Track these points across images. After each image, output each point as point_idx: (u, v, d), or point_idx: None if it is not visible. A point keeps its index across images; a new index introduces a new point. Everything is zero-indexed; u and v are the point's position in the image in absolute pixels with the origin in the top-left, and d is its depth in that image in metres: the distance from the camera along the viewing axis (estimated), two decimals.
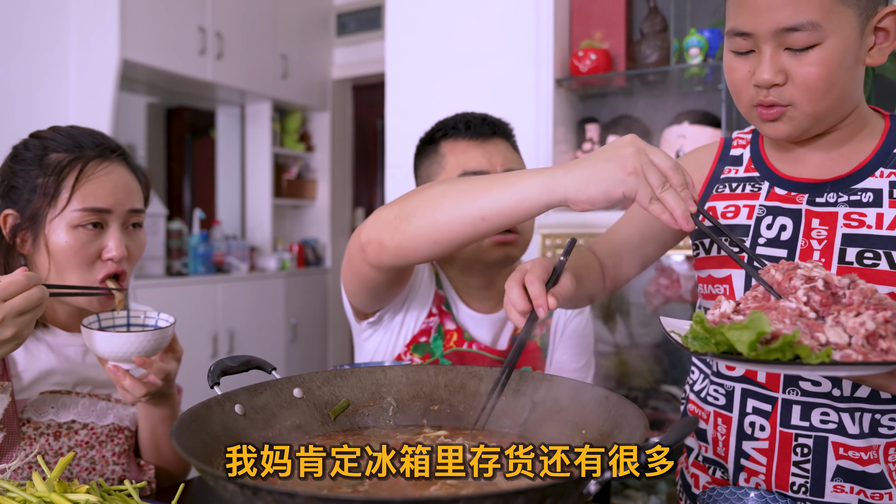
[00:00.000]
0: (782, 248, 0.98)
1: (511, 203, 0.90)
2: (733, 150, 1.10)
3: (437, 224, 0.95)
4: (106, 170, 1.12)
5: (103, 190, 1.11)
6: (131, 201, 1.15)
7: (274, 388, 0.91)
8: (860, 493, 0.96)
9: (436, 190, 0.97)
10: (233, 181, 4.52)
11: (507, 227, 0.95)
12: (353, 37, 4.56)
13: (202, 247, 3.80)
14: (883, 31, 0.92)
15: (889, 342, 0.68)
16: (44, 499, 0.79)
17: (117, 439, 1.18)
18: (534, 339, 1.37)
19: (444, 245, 0.97)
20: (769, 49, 0.91)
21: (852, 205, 0.95)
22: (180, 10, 3.49)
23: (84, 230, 1.09)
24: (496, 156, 1.31)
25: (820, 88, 0.90)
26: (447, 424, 0.94)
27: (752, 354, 0.67)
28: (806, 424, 0.98)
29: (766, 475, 1.00)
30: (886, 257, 0.91)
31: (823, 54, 0.88)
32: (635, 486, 2.20)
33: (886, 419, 0.95)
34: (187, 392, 1.32)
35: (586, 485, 0.60)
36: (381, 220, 1.02)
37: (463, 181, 0.96)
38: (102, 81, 3.15)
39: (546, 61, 2.27)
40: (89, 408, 1.15)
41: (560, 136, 2.33)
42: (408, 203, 0.99)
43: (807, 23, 0.87)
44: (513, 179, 0.90)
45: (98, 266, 1.12)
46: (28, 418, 1.08)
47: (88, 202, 1.09)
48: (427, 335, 1.32)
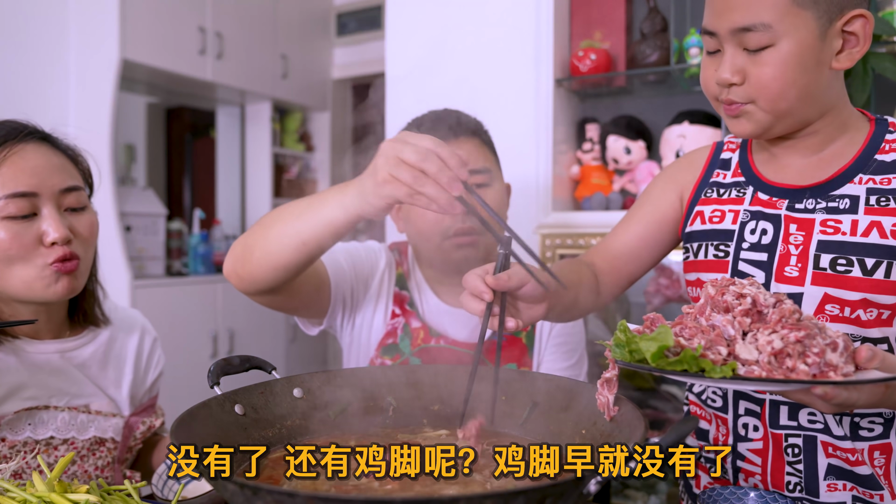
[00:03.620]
0: (763, 253, 0.99)
1: (320, 225, 0.96)
2: (724, 154, 1.11)
3: (271, 253, 1.00)
4: (20, 152, 1.05)
5: (22, 172, 1.03)
6: (61, 180, 1.07)
7: (274, 388, 0.91)
8: (853, 490, 0.96)
9: (267, 219, 1.03)
10: (233, 181, 4.52)
11: (327, 248, 1.00)
12: (353, 37, 4.56)
13: (202, 247, 3.80)
14: (852, 35, 0.92)
15: (794, 361, 0.71)
16: (44, 499, 0.79)
17: (99, 452, 1.13)
18: (518, 336, 1.36)
19: (283, 271, 1.02)
20: (730, 49, 0.94)
21: (829, 211, 0.96)
22: (180, 10, 3.49)
23: (13, 221, 1.02)
24: None
25: (774, 88, 0.92)
26: (447, 424, 0.94)
27: (657, 364, 0.71)
28: (794, 424, 0.98)
29: (763, 475, 1.01)
30: (859, 264, 0.92)
31: (776, 55, 0.90)
32: (635, 486, 2.20)
33: (866, 422, 0.97)
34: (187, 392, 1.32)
35: (586, 485, 0.60)
36: (234, 253, 1.07)
37: (287, 207, 1.01)
38: (102, 81, 3.15)
39: (546, 61, 2.27)
40: (69, 422, 1.09)
41: (560, 136, 2.33)
42: (251, 234, 1.04)
43: (759, 24, 0.90)
44: (318, 203, 0.96)
45: (43, 253, 1.04)
46: (2, 437, 1.03)
47: (9, 188, 1.02)
48: (394, 336, 1.32)
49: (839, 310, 0.93)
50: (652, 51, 2.20)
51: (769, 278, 0.98)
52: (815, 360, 0.71)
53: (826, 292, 0.93)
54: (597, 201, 2.24)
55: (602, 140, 2.33)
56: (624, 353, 0.74)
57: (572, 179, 2.41)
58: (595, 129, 2.36)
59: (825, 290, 0.93)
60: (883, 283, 0.91)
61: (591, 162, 2.35)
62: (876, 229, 0.92)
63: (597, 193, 2.25)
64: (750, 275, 0.99)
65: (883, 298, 0.92)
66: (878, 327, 0.93)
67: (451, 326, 1.34)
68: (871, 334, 0.94)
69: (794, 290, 0.95)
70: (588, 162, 2.36)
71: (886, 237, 0.91)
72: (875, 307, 0.92)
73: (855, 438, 0.96)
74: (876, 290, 0.91)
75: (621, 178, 2.32)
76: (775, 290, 0.97)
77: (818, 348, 0.72)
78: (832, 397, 0.72)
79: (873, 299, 0.92)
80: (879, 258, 0.91)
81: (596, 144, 2.35)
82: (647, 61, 2.21)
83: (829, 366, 0.71)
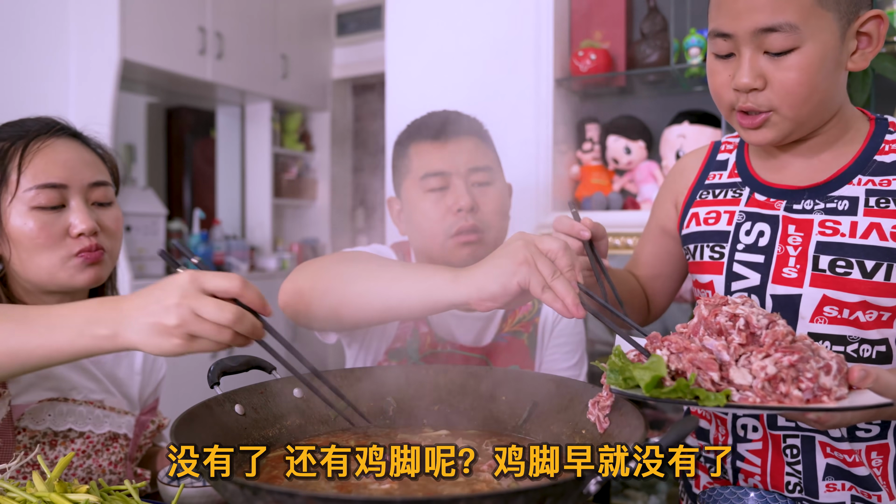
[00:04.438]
0: (759, 254, 0.99)
1: (416, 299, 0.90)
2: (720, 155, 1.11)
3: (343, 308, 0.96)
4: (52, 145, 1.07)
5: (53, 164, 1.06)
6: (90, 174, 1.09)
7: (274, 388, 0.91)
8: (851, 490, 0.96)
9: (351, 271, 0.98)
10: (233, 181, 4.52)
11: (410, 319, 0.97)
12: (353, 37, 4.56)
13: (202, 247, 3.80)
14: (866, 36, 0.92)
15: (787, 387, 0.71)
16: (44, 499, 0.79)
17: (113, 448, 1.15)
18: (520, 338, 1.36)
19: (349, 324, 1.01)
20: (748, 52, 0.90)
21: (828, 212, 0.95)
22: (180, 10, 3.49)
23: (42, 211, 1.04)
24: (460, 156, 1.30)
25: (800, 94, 0.89)
26: (447, 424, 0.94)
27: (651, 394, 0.72)
28: (792, 425, 0.98)
29: (762, 476, 1.01)
30: (859, 266, 0.91)
31: (802, 59, 0.88)
32: (635, 486, 2.20)
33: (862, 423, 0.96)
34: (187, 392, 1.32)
35: (586, 485, 0.60)
36: (298, 289, 1.02)
37: (377, 263, 0.97)
38: (102, 81, 3.15)
39: (546, 61, 2.27)
40: (86, 416, 1.11)
41: (560, 136, 2.33)
42: (322, 278, 1.00)
43: (784, 24, 0.86)
44: (423, 275, 0.91)
45: (70, 244, 1.06)
46: (24, 426, 1.05)
47: (39, 179, 1.04)
48: (402, 340, 1.32)
49: (838, 311, 0.93)
50: (652, 51, 2.20)
51: (765, 280, 0.97)
52: (809, 385, 0.71)
53: (825, 294, 0.93)
54: (597, 201, 2.23)
55: (602, 140, 2.33)
56: (619, 380, 0.76)
57: (572, 179, 2.41)
58: (595, 129, 2.36)
59: (824, 292, 0.93)
60: (883, 286, 0.91)
61: (591, 162, 2.35)
62: (875, 231, 0.91)
63: (597, 193, 2.25)
64: (744, 276, 0.99)
65: (883, 301, 0.91)
66: (877, 329, 0.93)
67: (458, 329, 1.34)
68: (869, 336, 0.93)
69: (793, 291, 0.95)
70: (588, 162, 2.36)
71: (886, 239, 0.91)
72: (875, 309, 0.92)
73: (852, 439, 0.96)
74: (875, 292, 0.91)
75: (621, 178, 2.32)
76: (772, 291, 0.97)
77: (811, 373, 0.71)
78: (825, 421, 0.73)
79: (873, 301, 0.91)
80: (879, 260, 0.91)
81: (596, 144, 2.34)
82: (647, 61, 2.21)
83: (822, 390, 0.71)
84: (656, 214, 1.18)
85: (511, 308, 0.86)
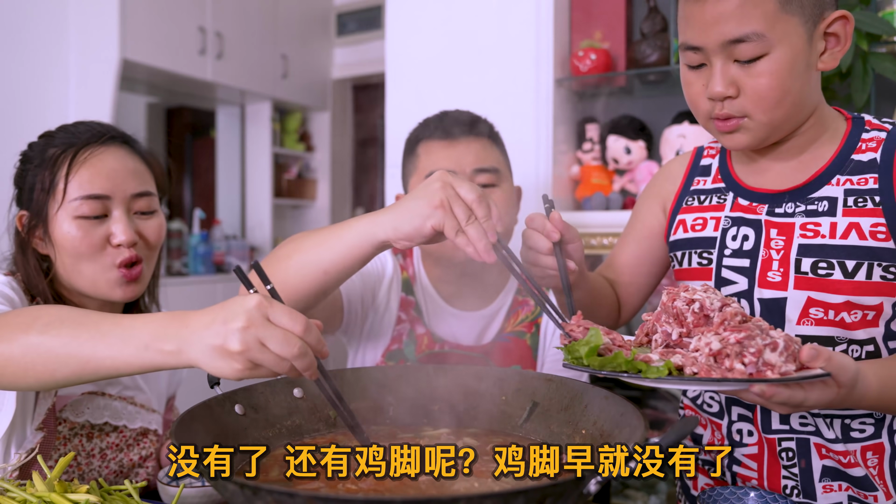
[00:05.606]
0: (745, 259, 0.99)
1: (342, 253, 0.92)
2: (703, 161, 1.11)
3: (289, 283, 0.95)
4: (100, 155, 1.10)
5: (98, 175, 1.09)
6: (134, 185, 1.12)
7: (274, 388, 0.91)
8: (848, 490, 0.96)
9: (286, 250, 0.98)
10: (233, 181, 4.52)
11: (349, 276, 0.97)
12: (353, 37, 4.56)
13: (202, 246, 3.80)
14: (833, 36, 0.92)
15: (731, 361, 0.73)
16: (44, 499, 0.79)
17: (143, 442, 1.18)
18: (523, 339, 1.36)
19: (303, 300, 0.96)
20: (719, 62, 0.91)
21: (808, 214, 0.96)
22: (180, 10, 3.49)
23: (85, 220, 1.07)
24: (467, 156, 1.30)
25: (772, 98, 0.90)
26: (447, 424, 0.94)
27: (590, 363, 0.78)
28: (786, 428, 0.98)
29: (759, 480, 1.01)
30: (840, 266, 0.92)
31: (772, 64, 0.89)
32: (635, 486, 2.20)
33: (857, 423, 0.96)
34: (187, 392, 1.32)
35: (586, 485, 0.60)
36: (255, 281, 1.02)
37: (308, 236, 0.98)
38: (102, 81, 3.15)
39: (546, 61, 2.27)
40: (121, 411, 1.15)
41: (560, 136, 2.33)
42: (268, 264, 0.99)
43: (751, 33, 0.88)
44: (341, 230, 0.93)
45: (111, 253, 1.09)
46: (65, 418, 1.08)
47: (85, 189, 1.07)
48: (399, 342, 1.33)
49: (823, 313, 0.93)
50: (652, 51, 2.20)
51: (752, 284, 0.98)
52: (752, 359, 0.73)
53: (809, 296, 0.93)
54: (597, 201, 2.23)
55: (602, 140, 2.33)
56: (570, 358, 0.82)
57: (572, 179, 2.41)
58: (595, 129, 2.36)
59: (808, 294, 0.93)
60: (865, 285, 0.91)
61: (592, 162, 2.35)
62: (854, 231, 0.92)
63: (597, 193, 2.25)
64: (733, 281, 1.00)
65: (866, 300, 0.91)
66: (863, 329, 0.93)
67: (458, 329, 1.35)
68: (857, 336, 0.94)
69: (778, 294, 0.95)
70: (588, 162, 2.35)
71: (865, 238, 0.91)
72: (859, 309, 0.92)
73: (847, 440, 0.96)
74: (858, 291, 0.91)
75: (621, 178, 2.32)
76: (759, 295, 0.97)
77: (755, 348, 0.73)
78: (770, 395, 0.73)
79: (856, 301, 0.92)
80: (860, 260, 0.91)
81: (596, 144, 2.34)
82: (647, 61, 2.21)
83: (766, 365, 0.73)
84: (641, 217, 1.16)
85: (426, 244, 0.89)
